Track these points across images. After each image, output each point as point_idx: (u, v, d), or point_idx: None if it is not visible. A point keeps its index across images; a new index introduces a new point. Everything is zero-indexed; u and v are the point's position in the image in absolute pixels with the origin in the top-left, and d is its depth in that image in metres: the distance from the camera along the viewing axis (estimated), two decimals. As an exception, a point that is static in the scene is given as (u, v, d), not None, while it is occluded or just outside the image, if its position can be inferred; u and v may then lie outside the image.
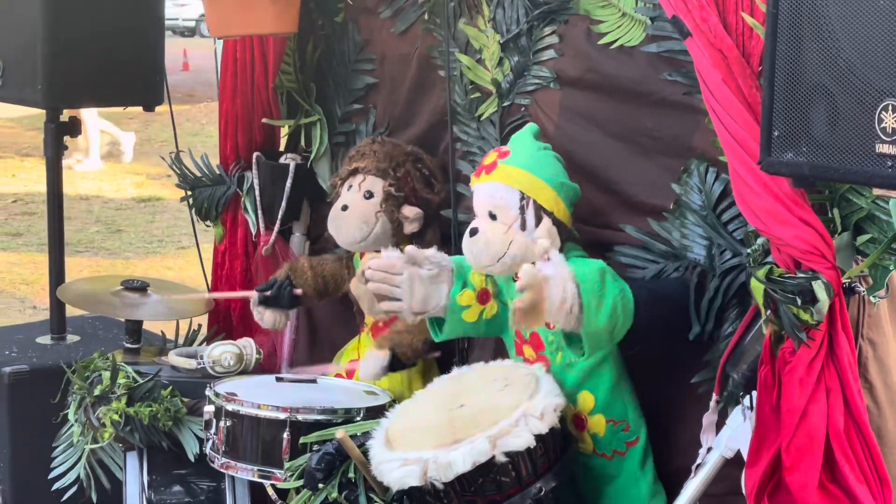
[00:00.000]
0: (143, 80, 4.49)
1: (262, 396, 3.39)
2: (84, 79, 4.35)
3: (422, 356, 3.62)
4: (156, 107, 4.54)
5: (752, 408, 2.73)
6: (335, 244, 3.98)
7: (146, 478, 3.67)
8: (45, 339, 4.52)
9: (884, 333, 2.82)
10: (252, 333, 4.19)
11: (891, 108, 2.14)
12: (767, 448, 2.65)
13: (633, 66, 3.16)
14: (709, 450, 2.89)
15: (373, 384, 3.60)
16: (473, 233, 3.16)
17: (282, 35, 4.17)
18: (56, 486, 3.81)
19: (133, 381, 3.65)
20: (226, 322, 4.46)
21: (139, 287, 4.12)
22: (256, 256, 4.40)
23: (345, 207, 3.75)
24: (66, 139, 4.57)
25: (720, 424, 2.89)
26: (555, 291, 2.80)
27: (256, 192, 4.31)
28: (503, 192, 3.13)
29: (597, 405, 3.13)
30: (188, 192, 4.47)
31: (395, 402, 3.34)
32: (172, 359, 3.84)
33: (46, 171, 4.56)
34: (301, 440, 3.23)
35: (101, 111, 12.21)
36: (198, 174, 4.44)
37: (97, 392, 3.68)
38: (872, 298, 2.71)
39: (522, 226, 3.11)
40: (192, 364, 3.77)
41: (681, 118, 3.06)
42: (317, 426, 3.25)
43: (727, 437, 2.84)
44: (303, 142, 4.31)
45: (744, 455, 2.74)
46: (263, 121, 4.35)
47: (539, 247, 2.96)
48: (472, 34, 3.63)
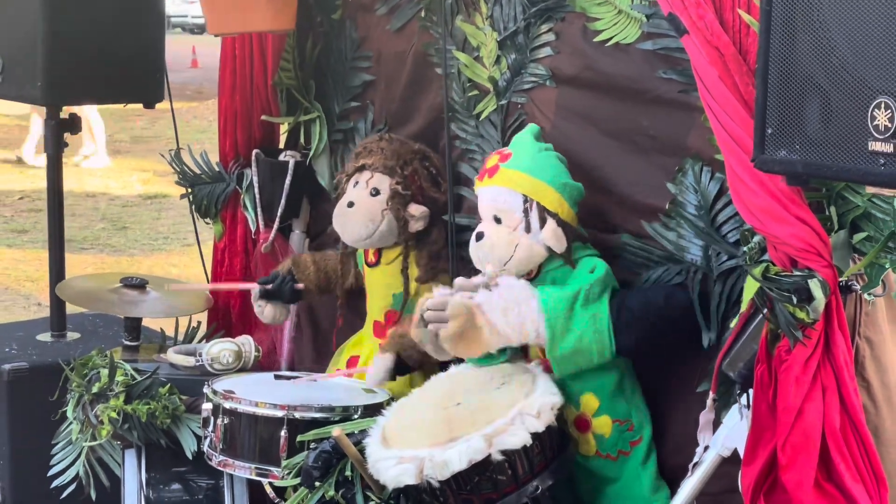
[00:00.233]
0: (144, 77, 4.49)
1: (260, 394, 3.39)
2: (84, 75, 4.35)
3: (429, 358, 3.60)
4: (156, 104, 4.54)
5: (749, 406, 2.72)
6: (335, 241, 3.97)
7: (145, 475, 3.67)
8: (45, 337, 4.53)
9: (881, 332, 2.81)
10: (251, 331, 4.20)
11: (883, 106, 2.13)
12: (764, 446, 2.64)
13: (629, 64, 3.15)
14: (706, 448, 2.88)
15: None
16: (479, 237, 3.16)
17: (280, 32, 4.16)
18: (55, 484, 3.81)
19: (131, 379, 3.65)
20: (225, 319, 4.46)
21: (138, 284, 4.12)
22: (256, 254, 4.40)
23: (351, 204, 3.73)
24: (76, 136, 4.57)
25: (717, 423, 2.89)
26: (495, 317, 2.82)
27: (256, 190, 4.30)
28: (506, 196, 3.13)
29: (602, 406, 3.12)
30: (188, 190, 4.47)
31: (394, 400, 3.33)
32: (171, 356, 3.84)
33: (47, 168, 4.57)
34: (298, 438, 3.22)
35: (105, 108, 12.24)
36: (197, 171, 4.44)
37: (95, 389, 3.68)
38: (867, 296, 2.70)
39: (527, 228, 3.10)
40: (191, 361, 3.77)
41: (676, 116, 3.04)
42: (314, 424, 3.24)
43: (724, 436, 2.83)
44: (302, 139, 4.30)
45: (741, 453, 2.73)
46: (263, 118, 4.34)
47: (488, 274, 3.00)
48: (470, 32, 3.61)
